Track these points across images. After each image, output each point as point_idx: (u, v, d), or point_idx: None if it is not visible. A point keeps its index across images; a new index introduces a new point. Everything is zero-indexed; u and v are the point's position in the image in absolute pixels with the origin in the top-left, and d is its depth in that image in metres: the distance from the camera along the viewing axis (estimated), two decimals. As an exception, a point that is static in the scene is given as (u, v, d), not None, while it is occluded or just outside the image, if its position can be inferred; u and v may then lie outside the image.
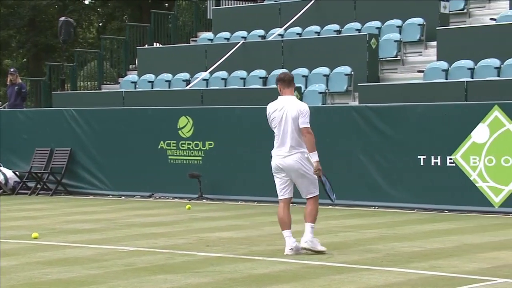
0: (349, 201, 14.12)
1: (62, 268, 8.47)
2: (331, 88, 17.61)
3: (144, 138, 16.43)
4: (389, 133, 13.93)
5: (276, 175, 9.22)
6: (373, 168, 14.02)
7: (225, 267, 8.45)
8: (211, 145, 15.74)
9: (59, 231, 11.42)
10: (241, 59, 19.18)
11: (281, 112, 9.02)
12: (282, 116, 9.02)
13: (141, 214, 13.42)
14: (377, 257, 8.93)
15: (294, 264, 8.58)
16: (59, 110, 17.67)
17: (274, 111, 9.08)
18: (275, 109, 9.09)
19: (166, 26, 23.75)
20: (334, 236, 10.64)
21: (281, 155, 9.11)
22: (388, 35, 18.38)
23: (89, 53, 25.76)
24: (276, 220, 12.33)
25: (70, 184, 17.16)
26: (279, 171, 9.17)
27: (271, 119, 9.11)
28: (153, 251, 9.50)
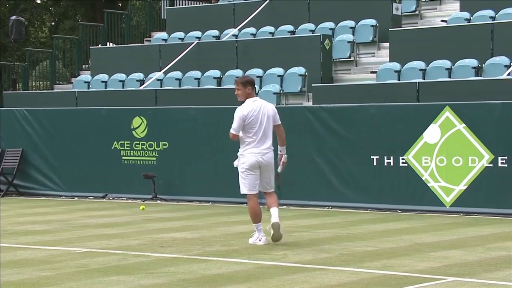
0: (303, 201, 14.19)
1: (13, 270, 8.36)
2: (285, 88, 17.67)
3: (97, 138, 16.30)
4: (343, 133, 14.03)
5: (251, 171, 9.75)
6: (327, 168, 14.10)
7: (179, 267, 8.43)
8: (165, 146, 15.68)
9: (10, 232, 11.27)
10: (195, 60, 19.14)
11: (259, 113, 9.77)
12: (260, 116, 9.75)
13: (94, 215, 13.31)
14: (331, 257, 8.99)
15: (248, 265, 8.59)
16: (10, 110, 17.43)
17: (251, 112, 9.76)
18: (252, 110, 9.78)
19: (120, 26, 23.59)
20: (288, 236, 10.68)
21: (261, 153, 9.76)
22: (341, 36, 18.51)
23: (41, 52, 25.44)
24: (230, 221, 12.36)
25: (21, 185, 16.95)
26: (255, 168, 9.75)
27: (248, 120, 9.74)
28: (106, 252, 9.43)
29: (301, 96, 17.67)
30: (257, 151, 9.75)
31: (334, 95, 15.84)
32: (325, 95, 15.96)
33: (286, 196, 14.33)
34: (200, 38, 20.74)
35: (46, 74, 23.48)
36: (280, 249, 9.49)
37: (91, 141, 16.32)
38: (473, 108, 13.27)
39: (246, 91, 9.94)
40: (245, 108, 9.81)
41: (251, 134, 9.75)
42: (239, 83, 10.03)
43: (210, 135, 15.22)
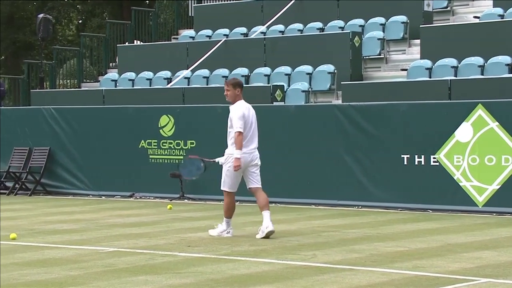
0: (333, 201, 14.16)
1: (40, 269, 8.44)
2: (314, 86, 17.65)
3: (124, 137, 16.39)
4: (373, 132, 13.98)
5: (239, 172, 10.41)
6: (356, 167, 14.06)
7: (207, 267, 8.45)
8: (193, 144, 15.72)
9: (38, 231, 11.37)
10: (223, 57, 19.17)
11: (250, 114, 10.46)
12: (251, 118, 10.46)
13: (122, 214, 13.39)
14: (361, 257, 8.96)
15: (276, 265, 8.59)
16: (37, 109, 17.59)
17: (246, 113, 10.43)
18: (246, 111, 10.44)
19: (147, 24, 23.70)
20: (317, 236, 10.67)
21: (250, 152, 10.45)
22: (371, 33, 18.44)
23: (68, 50, 25.64)
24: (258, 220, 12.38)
25: (49, 184, 17.09)
26: (242, 168, 10.41)
27: (244, 120, 10.37)
28: (133, 251, 9.48)
29: (330, 94, 17.63)
30: (246, 150, 10.37)
31: (364, 93, 15.79)
32: (355, 93, 15.92)
33: (315, 196, 14.33)
34: (228, 35, 20.78)
35: (74, 73, 23.66)
36: (310, 249, 9.49)
37: (118, 139, 16.41)
38: (506, 106, 13.15)
39: (235, 93, 10.46)
40: (242, 109, 10.38)
41: (244, 134, 10.35)
42: (229, 84, 10.53)
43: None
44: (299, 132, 14.66)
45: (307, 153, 14.55)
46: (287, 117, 14.82)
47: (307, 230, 11.28)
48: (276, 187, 14.71)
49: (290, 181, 14.62)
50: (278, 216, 12.99)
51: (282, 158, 14.71)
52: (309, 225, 11.86)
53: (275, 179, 14.73)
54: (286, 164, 14.67)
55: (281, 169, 14.69)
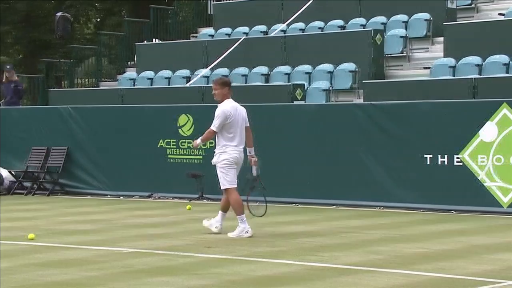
0: (353, 201, 14.16)
1: (58, 270, 8.51)
2: (335, 85, 17.64)
3: (143, 136, 16.47)
4: (395, 131, 13.96)
5: (232, 166, 10.65)
6: (377, 167, 14.05)
7: (226, 268, 8.49)
8: (212, 144, 15.72)
9: (56, 232, 11.46)
10: (242, 56, 19.20)
11: (237, 114, 10.69)
12: (238, 117, 10.68)
13: (140, 215, 13.46)
14: (381, 259, 8.96)
15: (296, 266, 8.62)
16: (55, 108, 17.72)
17: (232, 112, 10.65)
18: (232, 110, 10.67)
19: (166, 22, 23.78)
20: (337, 237, 10.68)
21: (239, 150, 10.68)
22: (393, 31, 18.40)
23: (86, 49, 25.79)
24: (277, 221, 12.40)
25: (67, 183, 17.21)
26: (236, 163, 10.66)
27: (230, 119, 10.60)
28: (152, 252, 9.54)
29: (351, 93, 17.62)
30: (236, 148, 10.66)
31: (386, 92, 15.77)
32: (376, 92, 15.90)
33: (333, 196, 14.33)
34: (247, 33, 20.81)
35: (92, 71, 23.80)
36: (329, 250, 9.50)
37: (137, 139, 16.49)
38: (532, 105, 13.09)
39: (223, 92, 10.73)
40: (227, 108, 10.62)
41: (230, 132, 10.61)
42: (217, 84, 10.80)
43: (257, 133, 15.21)
44: (320, 131, 14.67)
45: (327, 153, 14.56)
46: (307, 117, 14.83)
47: (327, 231, 11.29)
48: (296, 187, 14.74)
49: (310, 181, 14.62)
50: (297, 216, 13.02)
51: (302, 158, 14.72)
52: (329, 226, 11.86)
53: (294, 179, 14.76)
54: (306, 164, 14.68)
55: (301, 169, 14.71)
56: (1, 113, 18.33)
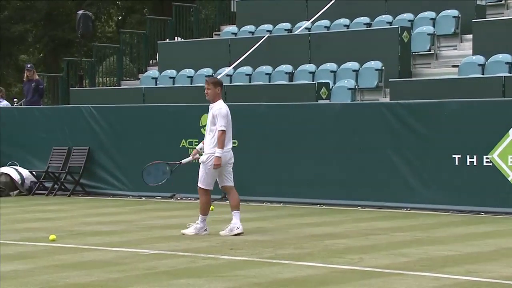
0: (380, 203, 14.09)
1: (80, 271, 8.53)
2: (360, 84, 17.58)
3: (165, 136, 16.49)
4: (422, 131, 13.87)
5: (216, 171, 10.96)
6: (405, 168, 13.97)
7: (250, 271, 8.47)
8: (235, 144, 15.67)
9: (77, 233, 11.50)
10: (266, 54, 19.18)
11: (230, 115, 11.05)
12: (230, 117, 11.05)
13: (162, 216, 13.48)
14: (410, 261, 8.91)
15: (322, 268, 8.58)
16: (77, 107, 17.79)
17: (229, 113, 11.04)
18: (229, 111, 11.04)
19: (188, 20, 23.82)
20: (364, 239, 10.63)
21: (229, 151, 11.03)
22: (421, 28, 18.30)
23: (108, 48, 25.89)
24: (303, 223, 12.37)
25: (88, 184, 17.27)
26: (222, 165, 10.95)
27: (229, 121, 10.98)
28: (175, 254, 9.54)
29: (377, 92, 17.54)
30: (226, 149, 10.95)
31: (413, 90, 15.69)
32: (403, 91, 15.82)
33: (360, 197, 14.27)
34: (271, 31, 20.78)
35: (113, 70, 23.89)
36: (356, 253, 9.45)
37: (159, 139, 16.52)
38: None
39: (216, 91, 11.01)
40: (226, 108, 10.99)
41: (227, 132, 10.91)
42: (210, 83, 11.05)
43: (281, 133, 15.24)
44: (345, 131, 14.61)
45: (353, 153, 14.49)
46: (332, 116, 14.78)
47: (354, 232, 11.24)
48: (321, 188, 14.69)
49: (336, 182, 14.57)
50: (324, 218, 12.97)
51: (327, 158, 14.67)
52: (356, 227, 11.81)
53: (320, 180, 14.71)
54: (332, 165, 14.63)
55: (326, 170, 14.66)
56: (22, 112, 18.44)
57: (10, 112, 18.67)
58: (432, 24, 18.47)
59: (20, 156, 17.94)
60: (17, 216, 13.67)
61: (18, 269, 8.67)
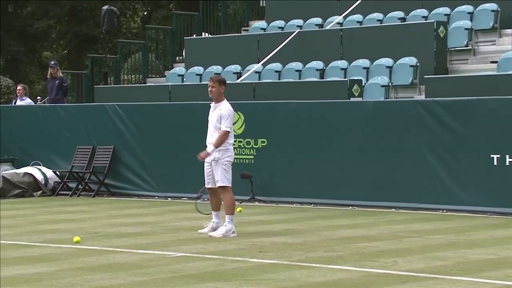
0: (415, 204, 14.03)
1: (105, 274, 8.59)
2: (394, 81, 17.51)
3: (192, 135, 16.52)
4: (459, 130, 13.79)
5: (231, 166, 11.26)
6: (441, 168, 13.89)
7: (280, 274, 8.48)
8: (264, 143, 15.77)
9: (102, 235, 11.58)
10: (296, 50, 19.17)
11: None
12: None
13: (189, 217, 13.52)
14: (446, 265, 8.87)
15: (354, 272, 8.56)
16: (101, 106, 17.90)
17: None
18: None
19: (216, 15, 23.87)
20: (399, 242, 10.59)
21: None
22: (457, 23, 18.19)
23: (133, 44, 26.02)
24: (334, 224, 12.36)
25: (113, 184, 17.37)
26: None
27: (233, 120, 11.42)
28: (202, 257, 9.57)
29: (412, 89, 17.46)
30: (231, 147, 11.31)
31: (449, 87, 15.59)
32: (439, 88, 15.73)
33: (394, 198, 14.21)
34: (301, 26, 20.77)
35: (138, 67, 24.00)
36: (390, 256, 9.43)
37: (185, 138, 16.57)
38: None
39: (220, 90, 11.28)
40: (231, 109, 11.29)
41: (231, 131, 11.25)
42: (215, 81, 11.30)
43: (312, 131, 15.22)
44: (378, 130, 14.57)
45: (387, 152, 14.44)
46: (365, 114, 14.73)
47: (387, 235, 11.21)
48: (353, 189, 14.66)
49: (369, 183, 14.53)
50: (356, 220, 12.95)
51: (360, 158, 14.63)
52: (389, 230, 11.77)
53: (352, 180, 14.68)
54: (364, 165, 14.59)
55: (359, 170, 14.62)
56: (45, 110, 18.59)
57: (33, 110, 18.83)
58: (470, 18, 18.34)
59: (43, 155, 18.09)
60: (40, 217, 13.79)
61: (41, 272, 8.74)
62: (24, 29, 36.72)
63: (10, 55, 37.01)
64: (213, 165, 11.17)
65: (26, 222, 13.13)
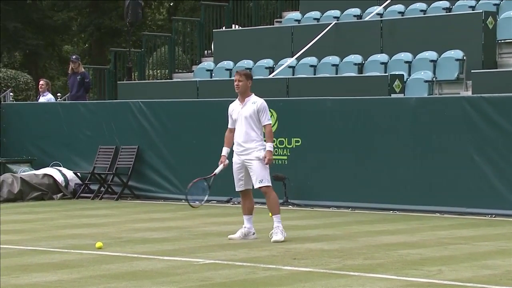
0: (461, 209, 13.96)
1: (129, 282, 8.64)
2: (439, 75, 17.43)
3: (221, 134, 16.50)
4: (509, 128, 13.70)
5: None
6: (489, 169, 13.81)
7: (315, 283, 8.48)
8: (298, 143, 15.77)
9: (126, 240, 11.64)
10: (333, 43, 19.15)
11: None
12: None
13: (218, 222, 13.56)
14: (495, 274, 8.81)
15: (395, 281, 8.54)
16: (125, 103, 18.00)
17: None
18: None
19: (247, 6, 23.90)
20: (444, 249, 10.54)
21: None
22: (508, 13, 18.07)
23: (158, 37, 26.14)
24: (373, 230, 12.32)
25: (137, 186, 17.45)
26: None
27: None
28: (232, 264, 9.60)
29: (458, 85, 17.38)
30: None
31: (499, 83, 15.50)
32: (488, 83, 15.64)
33: (438, 202, 14.15)
34: (338, 18, 20.74)
35: (164, 62, 24.11)
36: (434, 264, 9.39)
37: (214, 137, 16.59)
38: None
39: (247, 84, 11.42)
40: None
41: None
42: (242, 75, 11.41)
43: (349, 130, 15.19)
44: (421, 128, 14.51)
45: (430, 153, 14.38)
46: (407, 112, 14.68)
47: (431, 242, 11.16)
48: (394, 192, 14.61)
49: (411, 185, 14.48)
50: (398, 225, 12.90)
51: (402, 159, 14.59)
52: (434, 236, 11.73)
53: (393, 182, 14.63)
54: (406, 166, 14.54)
55: (401, 172, 14.57)
56: (66, 108, 18.72)
57: (53, 107, 18.98)
58: (521, 8, 18.22)
59: (64, 156, 18.22)
60: (60, 222, 13.90)
61: (62, 279, 8.81)
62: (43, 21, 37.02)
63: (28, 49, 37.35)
64: (254, 164, 11.23)
65: (46, 226, 13.24)
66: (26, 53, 38.43)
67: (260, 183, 11.25)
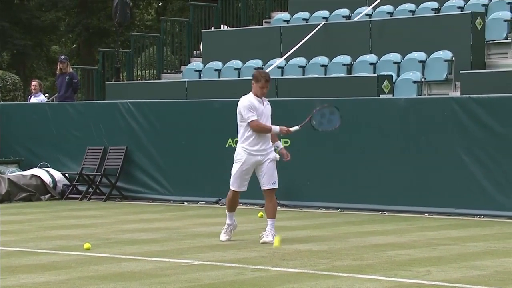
0: (449, 209, 14.00)
1: (117, 283, 8.63)
2: (428, 76, 17.47)
3: (209, 135, 16.58)
4: (498, 129, 13.74)
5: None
6: (478, 170, 13.85)
7: (304, 284, 8.49)
8: (287, 144, 15.77)
9: (114, 241, 11.63)
10: (322, 44, 19.18)
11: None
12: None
13: (207, 223, 13.56)
14: (483, 275, 8.84)
15: (384, 282, 8.55)
16: (113, 103, 17.98)
17: None
18: None
19: (236, 6, 23.92)
20: (432, 249, 10.57)
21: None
22: (496, 14, 18.12)
23: (147, 37, 26.13)
24: (363, 231, 12.34)
25: (125, 187, 17.44)
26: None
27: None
28: (220, 265, 9.60)
29: (447, 85, 17.43)
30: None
31: (487, 83, 15.54)
32: (476, 84, 15.69)
33: (427, 203, 14.17)
34: (327, 18, 20.77)
35: (153, 62, 24.10)
36: (423, 265, 9.41)
37: (203, 138, 16.61)
38: None
39: (263, 86, 11.53)
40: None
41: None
42: (269, 80, 11.50)
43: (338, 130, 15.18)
44: (410, 129, 14.54)
45: (419, 154, 14.41)
46: (396, 112, 14.71)
47: (420, 242, 11.19)
48: (383, 193, 14.64)
49: (400, 186, 14.51)
50: (387, 226, 12.93)
51: (391, 160, 14.61)
52: (422, 237, 11.75)
53: (382, 183, 14.65)
54: (395, 166, 14.56)
55: (390, 172, 14.60)
56: (54, 108, 18.69)
57: (41, 108, 18.94)
58: (509, 9, 18.29)
59: (51, 156, 18.19)
60: (48, 223, 13.87)
61: (50, 281, 8.80)
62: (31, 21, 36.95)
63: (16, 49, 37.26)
64: (269, 165, 11.33)
65: (34, 227, 13.21)
66: (14, 53, 38.34)
67: (272, 185, 11.33)
